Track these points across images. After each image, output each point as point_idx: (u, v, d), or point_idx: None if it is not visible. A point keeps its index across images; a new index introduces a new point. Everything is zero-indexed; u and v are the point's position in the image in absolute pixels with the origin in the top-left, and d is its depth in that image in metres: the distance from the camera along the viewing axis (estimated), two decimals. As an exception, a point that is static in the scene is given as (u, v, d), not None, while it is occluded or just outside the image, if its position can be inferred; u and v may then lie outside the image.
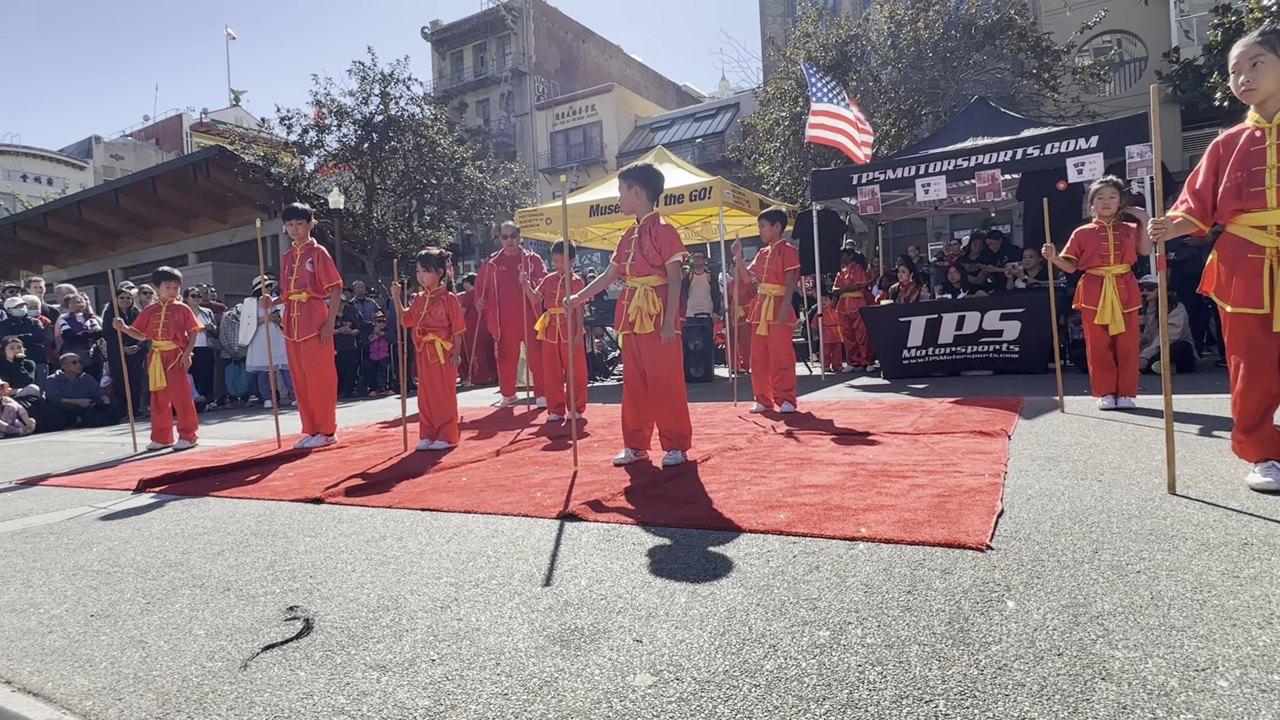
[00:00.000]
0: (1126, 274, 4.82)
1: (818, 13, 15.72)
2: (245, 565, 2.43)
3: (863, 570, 2.01)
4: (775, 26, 24.48)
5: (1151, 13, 18.52)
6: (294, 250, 5.53)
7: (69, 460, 5.55)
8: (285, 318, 5.48)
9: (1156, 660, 1.41)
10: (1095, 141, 7.17)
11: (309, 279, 5.40)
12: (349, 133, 17.66)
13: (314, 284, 5.41)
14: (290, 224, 5.44)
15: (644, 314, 3.75)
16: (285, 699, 1.49)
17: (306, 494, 3.51)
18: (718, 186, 9.15)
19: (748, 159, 16.73)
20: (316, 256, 5.47)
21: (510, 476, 3.69)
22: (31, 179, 45.97)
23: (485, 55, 34.08)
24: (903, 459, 3.53)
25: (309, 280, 5.40)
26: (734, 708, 1.35)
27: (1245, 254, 2.61)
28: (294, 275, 5.41)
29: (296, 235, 5.46)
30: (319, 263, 5.45)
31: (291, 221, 5.43)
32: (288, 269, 5.49)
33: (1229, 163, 2.61)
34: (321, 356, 5.44)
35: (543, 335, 6.25)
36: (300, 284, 5.39)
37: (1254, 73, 2.52)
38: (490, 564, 2.29)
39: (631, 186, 3.80)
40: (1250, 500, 2.47)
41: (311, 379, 5.42)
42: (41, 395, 8.82)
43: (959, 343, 7.86)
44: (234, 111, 45.77)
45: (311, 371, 5.41)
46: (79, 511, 3.52)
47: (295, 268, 5.44)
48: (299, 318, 5.39)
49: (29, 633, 1.95)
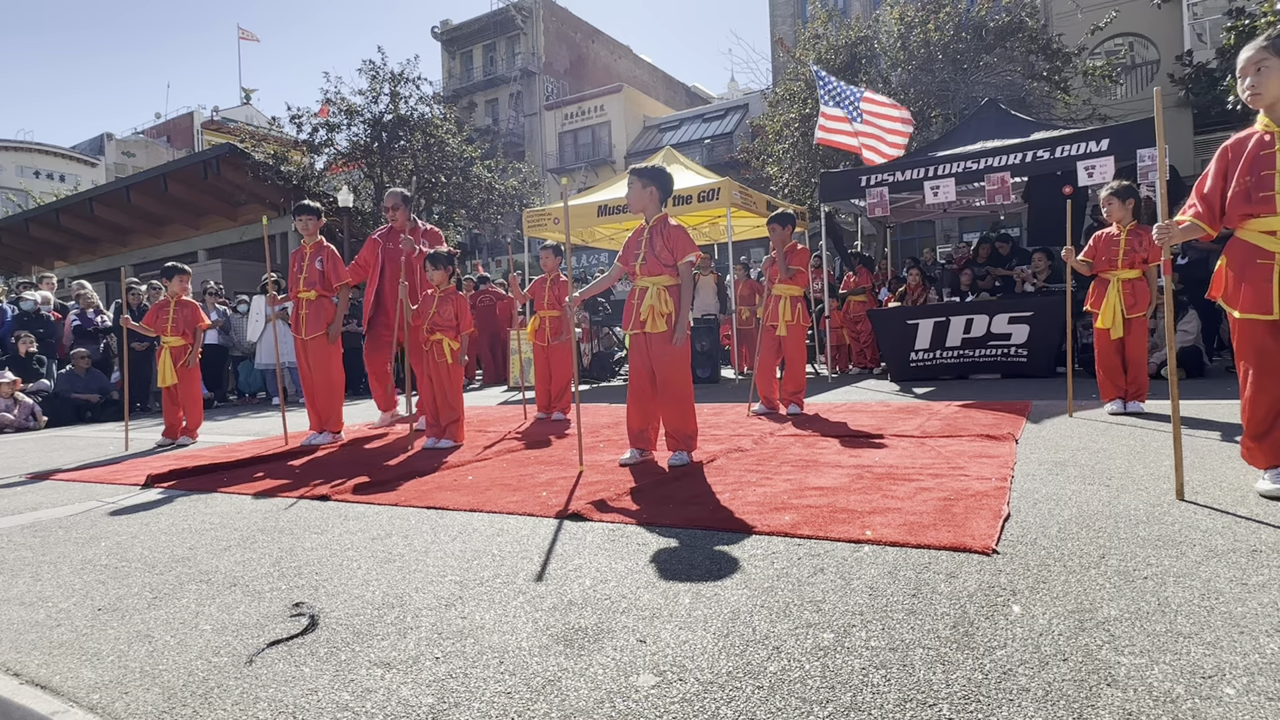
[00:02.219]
0: (1136, 279, 4.79)
1: (828, 14, 15.70)
2: (251, 561, 2.45)
3: (868, 573, 2.01)
4: (785, 28, 24.44)
5: (1164, 15, 18.40)
6: (303, 247, 5.51)
7: (78, 455, 5.59)
8: (294, 315, 5.49)
9: (1163, 667, 1.41)
10: (1106, 145, 7.12)
11: (318, 277, 5.40)
12: (359, 131, 17.73)
13: (323, 282, 5.42)
14: (301, 220, 5.43)
15: (656, 313, 3.75)
16: (290, 694, 1.50)
17: (313, 491, 3.52)
18: (726, 187, 9.15)
19: (756, 160, 16.71)
20: (326, 255, 5.46)
21: (516, 476, 3.70)
22: (44, 175, 46.30)
23: (495, 55, 34.17)
24: (909, 462, 3.52)
25: (318, 278, 5.40)
26: (737, 709, 1.35)
27: (1254, 259, 2.60)
28: (303, 273, 5.40)
29: (307, 232, 5.46)
30: (328, 261, 5.45)
31: (302, 218, 5.43)
32: (297, 266, 5.48)
33: (1237, 167, 2.60)
34: (329, 355, 5.47)
35: (532, 337, 6.27)
36: (309, 282, 5.39)
37: (1260, 77, 2.51)
38: (495, 562, 2.29)
39: (646, 186, 3.81)
40: (1259, 507, 2.46)
41: (319, 377, 5.44)
42: (52, 390, 8.89)
43: (967, 346, 7.83)
44: (245, 109, 45.97)
45: (319, 370, 5.43)
46: (87, 506, 3.55)
47: (305, 265, 5.43)
48: (307, 315, 5.39)
49: (37, 626, 1.97)
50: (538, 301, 6.19)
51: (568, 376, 6.15)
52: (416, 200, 18.60)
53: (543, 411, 6.24)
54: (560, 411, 6.14)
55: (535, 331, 6.20)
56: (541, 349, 6.18)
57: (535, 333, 6.20)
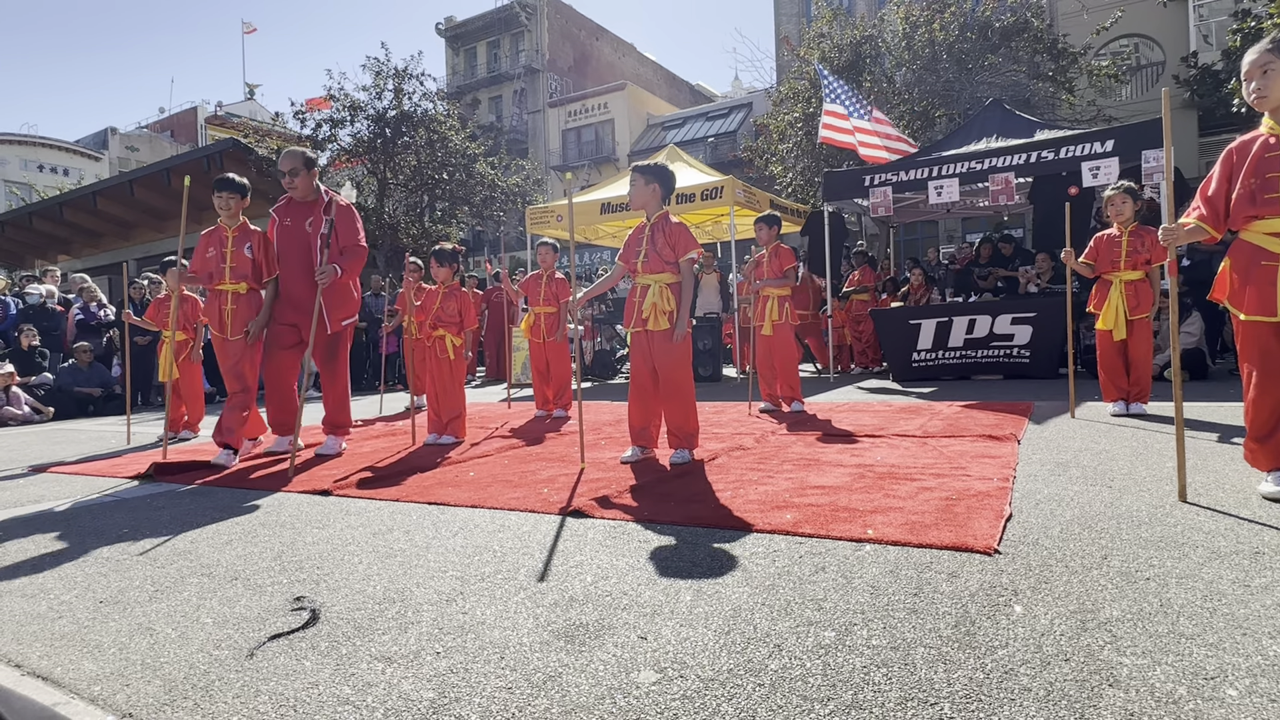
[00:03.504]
0: (1139, 280, 4.78)
1: (832, 13, 15.66)
2: (253, 555, 2.45)
3: (869, 572, 2.00)
4: (790, 26, 24.42)
5: (1170, 16, 18.36)
6: (221, 229, 4.46)
7: (81, 448, 5.60)
8: (214, 310, 4.47)
9: (1165, 668, 1.40)
10: (1111, 146, 7.11)
11: (250, 267, 4.43)
12: (362, 128, 17.74)
13: (255, 274, 4.46)
14: (221, 196, 4.42)
15: (658, 310, 3.76)
16: (291, 688, 1.50)
17: (315, 485, 3.53)
18: (729, 186, 9.14)
19: (760, 159, 16.69)
20: (257, 241, 4.48)
21: (517, 472, 3.70)
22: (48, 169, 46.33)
23: (499, 52, 34.16)
24: (911, 461, 3.52)
25: (250, 269, 4.43)
26: (738, 706, 1.35)
27: (1258, 261, 2.59)
28: (228, 262, 4.39)
29: (228, 211, 4.44)
30: (260, 248, 4.48)
31: (223, 194, 4.42)
32: (215, 253, 4.43)
33: (1243, 169, 2.60)
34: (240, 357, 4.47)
35: (528, 334, 6.24)
36: (239, 273, 4.41)
37: (1265, 80, 2.51)
38: (496, 558, 2.29)
39: (649, 183, 3.81)
40: (1262, 509, 2.45)
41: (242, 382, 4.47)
42: (54, 383, 8.91)
43: (969, 346, 7.82)
44: (248, 105, 45.96)
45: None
46: (89, 499, 3.55)
47: (229, 253, 4.40)
48: (235, 311, 4.43)
49: (38, 618, 1.97)
50: (533, 298, 6.17)
51: (566, 374, 6.14)
52: (419, 197, 18.61)
53: (541, 409, 6.23)
54: (561, 409, 6.14)
55: (531, 328, 6.18)
56: (538, 346, 6.17)
57: (531, 329, 6.18)
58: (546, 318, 6.10)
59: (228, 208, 4.44)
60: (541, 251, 6.15)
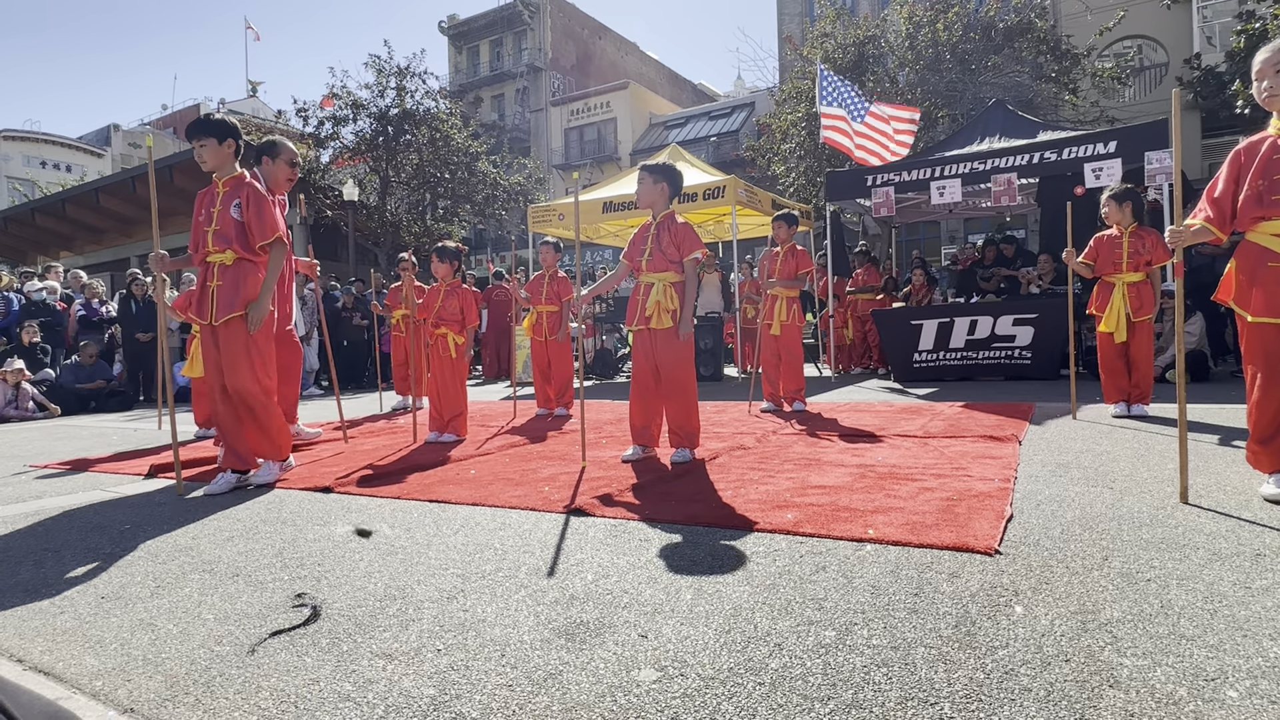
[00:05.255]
0: (1140, 282, 4.77)
1: (836, 13, 15.67)
2: (254, 552, 2.45)
3: (870, 571, 2.00)
4: (793, 26, 24.40)
5: (1174, 18, 18.33)
6: (215, 185, 3.59)
7: (81, 444, 5.61)
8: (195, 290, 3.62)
9: (1165, 669, 1.40)
10: (1114, 147, 7.11)
11: (235, 230, 3.51)
12: (364, 125, 17.76)
13: (242, 238, 3.54)
14: (198, 144, 3.50)
15: (662, 309, 3.76)
16: (292, 684, 1.50)
17: (316, 483, 3.53)
18: (732, 185, 9.14)
19: (762, 159, 16.69)
20: (247, 195, 3.55)
21: (519, 470, 3.70)
22: (50, 165, 46.43)
23: (501, 50, 34.16)
24: (912, 462, 3.52)
25: (235, 232, 3.51)
26: (738, 705, 1.35)
27: (1265, 262, 2.59)
28: (212, 224, 3.52)
29: (214, 162, 3.54)
30: (251, 205, 3.54)
31: (198, 140, 3.51)
32: (203, 215, 3.58)
33: (1250, 170, 2.59)
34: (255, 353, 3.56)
35: (529, 333, 6.25)
36: (222, 237, 3.50)
37: (1277, 79, 2.50)
38: (497, 556, 2.29)
39: (658, 182, 3.82)
40: (1264, 511, 2.45)
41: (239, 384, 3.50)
42: (55, 379, 8.92)
43: (970, 347, 7.81)
44: (251, 102, 46.00)
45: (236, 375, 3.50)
46: (92, 495, 3.56)
47: (216, 214, 3.53)
48: (220, 289, 3.52)
49: (41, 612, 1.98)
50: (535, 297, 6.18)
51: (568, 372, 6.15)
52: (421, 195, 18.60)
53: (542, 407, 6.24)
54: (563, 407, 6.14)
55: (533, 327, 6.19)
56: (540, 344, 6.17)
57: (533, 328, 6.19)
58: (548, 316, 6.11)
59: (205, 160, 3.54)
60: (544, 250, 6.16)
